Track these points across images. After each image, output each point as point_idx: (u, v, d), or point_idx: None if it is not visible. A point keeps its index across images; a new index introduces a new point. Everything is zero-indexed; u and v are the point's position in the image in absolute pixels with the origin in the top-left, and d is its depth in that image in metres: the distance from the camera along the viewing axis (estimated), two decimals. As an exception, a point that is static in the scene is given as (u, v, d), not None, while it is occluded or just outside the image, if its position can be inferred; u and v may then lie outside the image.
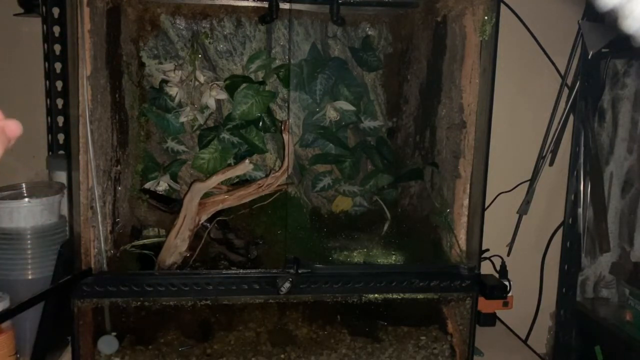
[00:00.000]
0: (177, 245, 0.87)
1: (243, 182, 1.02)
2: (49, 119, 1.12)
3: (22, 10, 1.08)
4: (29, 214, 0.89)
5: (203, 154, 1.05)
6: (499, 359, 1.02)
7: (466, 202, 0.90)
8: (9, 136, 0.41)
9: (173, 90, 1.03)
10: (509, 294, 1.07)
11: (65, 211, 0.93)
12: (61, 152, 1.13)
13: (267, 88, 1.06)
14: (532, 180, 1.25)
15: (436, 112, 0.99)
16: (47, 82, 1.11)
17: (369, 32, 1.11)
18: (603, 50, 1.13)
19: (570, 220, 1.19)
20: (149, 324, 0.88)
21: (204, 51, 1.06)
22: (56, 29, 1.09)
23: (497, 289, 1.02)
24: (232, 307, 0.88)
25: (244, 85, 1.03)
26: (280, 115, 1.10)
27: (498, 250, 1.21)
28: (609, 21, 1.10)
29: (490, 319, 1.09)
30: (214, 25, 1.06)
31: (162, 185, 1.03)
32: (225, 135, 1.05)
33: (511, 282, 1.09)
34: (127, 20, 0.99)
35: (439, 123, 0.99)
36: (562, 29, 1.22)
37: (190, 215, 0.87)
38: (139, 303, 0.83)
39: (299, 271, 0.83)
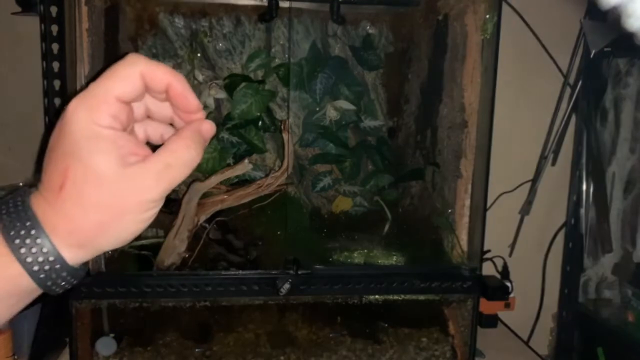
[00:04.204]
0: (175, 246, 0.86)
1: (242, 182, 1.01)
2: (47, 118, 1.11)
3: (19, 9, 1.07)
4: (26, 214, 0.88)
5: (202, 154, 1.04)
6: (500, 360, 1.01)
7: (467, 202, 0.90)
8: (205, 137, 0.40)
9: (172, 90, 1.02)
10: (511, 295, 1.06)
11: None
12: (60, 151, 1.12)
13: (266, 87, 1.05)
14: (534, 180, 1.25)
15: (437, 111, 0.98)
16: (45, 82, 1.10)
17: (370, 31, 1.10)
18: (605, 49, 1.12)
19: (573, 220, 1.19)
20: (147, 325, 0.87)
21: (203, 50, 1.05)
22: (54, 28, 1.08)
23: (499, 290, 1.01)
24: (231, 309, 0.88)
25: (243, 84, 1.02)
26: (280, 114, 1.09)
27: (500, 251, 1.21)
28: (611, 20, 1.09)
29: (492, 320, 1.08)
30: (213, 23, 1.05)
31: (161, 185, 1.02)
32: (225, 134, 1.05)
33: (513, 283, 1.08)
34: (125, 18, 0.99)
35: (440, 122, 0.98)
36: (564, 28, 1.21)
37: (188, 216, 0.87)
38: (137, 304, 0.82)
39: (299, 272, 0.82)
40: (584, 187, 1.15)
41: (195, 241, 0.89)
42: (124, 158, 0.35)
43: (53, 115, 1.11)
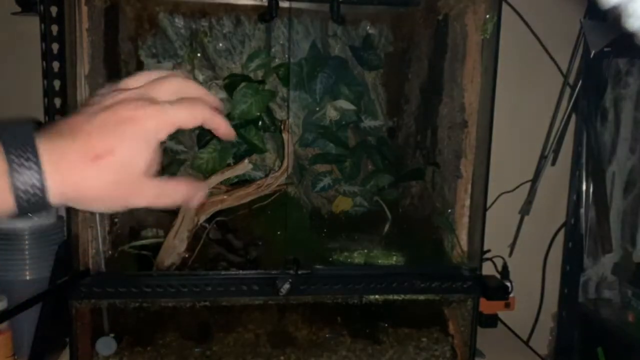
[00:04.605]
0: (175, 246, 0.86)
1: (242, 182, 1.01)
2: (47, 118, 1.11)
3: (19, 9, 1.07)
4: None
5: (202, 154, 1.04)
6: (500, 360, 1.01)
7: (467, 202, 0.90)
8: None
9: (172, 90, 1.02)
10: (511, 295, 1.06)
11: (63, 211, 0.93)
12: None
13: (266, 87, 1.05)
14: (534, 180, 1.25)
15: (437, 111, 0.98)
16: (45, 82, 1.10)
17: (370, 31, 1.10)
18: (605, 49, 1.12)
19: (573, 220, 1.19)
20: (147, 325, 0.87)
21: (203, 50, 1.05)
22: (54, 28, 1.08)
23: (499, 290, 1.01)
24: (231, 309, 0.88)
25: (243, 84, 1.02)
26: (279, 114, 1.09)
27: (499, 251, 1.20)
28: (611, 20, 1.09)
29: (492, 320, 1.08)
30: (212, 23, 1.05)
31: (161, 185, 1.02)
32: (225, 134, 1.04)
33: (513, 283, 1.08)
34: (125, 18, 0.99)
35: (440, 122, 0.98)
36: (564, 28, 1.21)
37: (188, 216, 0.87)
38: (137, 304, 0.82)
39: (299, 272, 0.82)
40: (584, 187, 1.15)
41: (195, 241, 0.89)
42: (149, 168, 0.43)
43: (53, 115, 1.11)
